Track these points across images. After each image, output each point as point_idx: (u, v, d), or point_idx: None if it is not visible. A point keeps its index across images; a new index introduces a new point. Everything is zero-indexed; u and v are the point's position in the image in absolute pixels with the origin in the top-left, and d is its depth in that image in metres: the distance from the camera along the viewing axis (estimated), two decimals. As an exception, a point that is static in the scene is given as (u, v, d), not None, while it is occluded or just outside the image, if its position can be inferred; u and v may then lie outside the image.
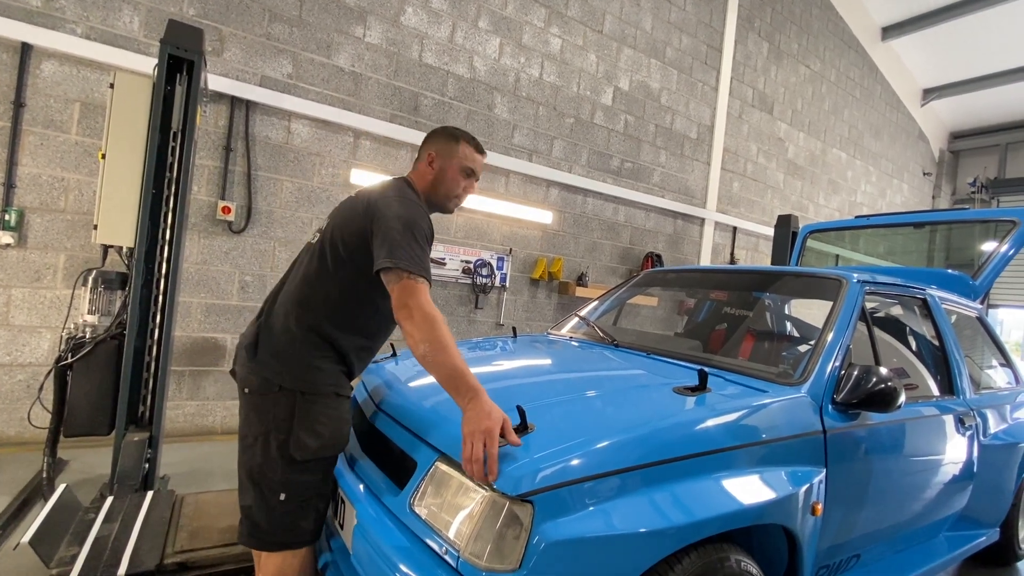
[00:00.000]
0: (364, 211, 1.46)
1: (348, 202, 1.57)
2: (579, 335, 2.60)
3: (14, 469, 2.87)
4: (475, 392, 1.23)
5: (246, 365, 1.45)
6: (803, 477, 1.53)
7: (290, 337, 1.44)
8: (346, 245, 1.46)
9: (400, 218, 1.40)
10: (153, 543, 1.96)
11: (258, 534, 1.40)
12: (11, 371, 3.27)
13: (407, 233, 1.38)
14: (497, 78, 5.03)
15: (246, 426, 1.44)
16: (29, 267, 3.28)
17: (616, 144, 5.90)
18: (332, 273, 1.47)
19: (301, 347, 1.43)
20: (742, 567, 1.35)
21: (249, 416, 1.44)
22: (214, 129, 3.79)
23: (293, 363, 1.42)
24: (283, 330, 1.45)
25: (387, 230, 1.38)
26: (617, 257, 6.04)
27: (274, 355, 1.43)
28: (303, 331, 1.44)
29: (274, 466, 1.38)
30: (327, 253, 1.48)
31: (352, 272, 1.46)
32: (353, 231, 1.46)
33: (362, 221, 1.45)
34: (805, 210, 8.13)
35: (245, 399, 1.46)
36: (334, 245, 1.47)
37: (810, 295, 2.42)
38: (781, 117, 7.67)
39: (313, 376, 1.42)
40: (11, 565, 2.04)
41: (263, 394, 1.41)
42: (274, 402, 1.40)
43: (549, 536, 1.09)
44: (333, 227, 1.51)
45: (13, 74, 3.19)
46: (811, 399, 1.62)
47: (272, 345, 1.44)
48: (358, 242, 1.44)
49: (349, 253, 1.46)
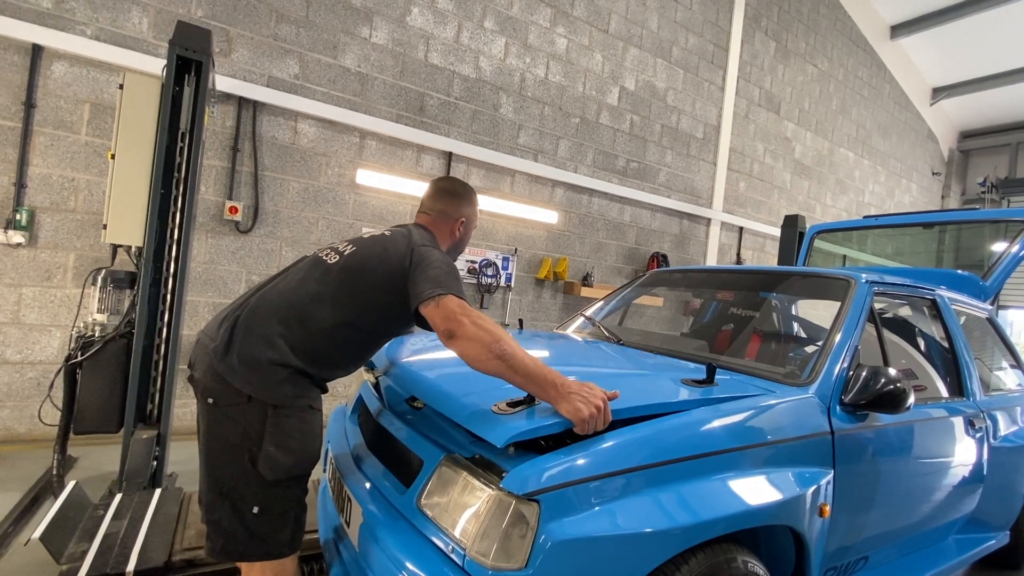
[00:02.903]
0: (404, 250, 1.45)
1: (378, 238, 1.53)
2: (584, 335, 2.60)
3: (25, 466, 2.90)
4: (560, 380, 1.23)
5: (210, 370, 1.33)
6: (811, 478, 1.52)
7: (269, 345, 1.33)
8: (374, 274, 1.43)
9: (445, 263, 1.44)
10: (162, 540, 1.98)
11: (231, 548, 1.33)
12: (22, 369, 3.31)
13: (452, 274, 1.40)
14: (503, 78, 5.03)
15: (211, 438, 1.34)
16: (40, 266, 3.32)
17: (622, 144, 5.89)
18: (346, 299, 1.41)
19: (278, 358, 1.33)
20: (749, 568, 1.34)
21: (214, 428, 1.33)
22: (221, 129, 3.81)
23: (265, 373, 1.31)
24: (263, 337, 1.34)
25: (434, 270, 1.38)
26: (623, 257, 6.03)
27: (246, 361, 1.31)
28: (288, 344, 1.35)
29: (247, 480, 1.31)
30: (347, 279, 1.42)
31: (370, 304, 1.43)
32: (389, 267, 1.43)
33: (400, 260, 1.43)
34: (812, 210, 8.08)
35: (208, 409, 1.34)
36: (358, 272, 1.43)
37: (818, 295, 2.40)
38: (788, 116, 7.62)
39: (284, 389, 1.33)
40: (22, 561, 2.06)
41: (232, 405, 1.32)
42: (243, 413, 1.31)
43: (555, 535, 1.09)
44: (363, 257, 1.45)
45: (24, 75, 3.22)
46: (819, 400, 1.61)
47: (247, 350, 1.32)
48: (389, 278, 1.42)
49: (372, 286, 1.43)
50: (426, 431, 1.47)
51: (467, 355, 1.27)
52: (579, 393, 1.21)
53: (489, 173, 5.01)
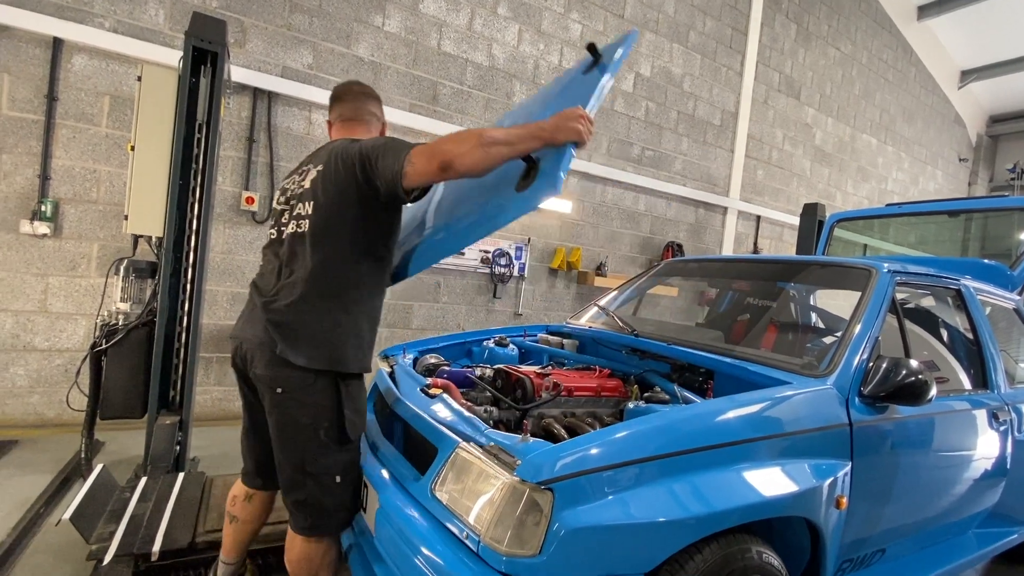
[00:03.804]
0: (346, 163, 1.43)
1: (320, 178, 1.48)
2: (598, 325, 2.59)
3: (55, 449, 3.00)
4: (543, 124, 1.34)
5: (273, 360, 1.40)
6: (828, 470, 1.50)
7: (323, 318, 1.41)
8: (348, 210, 1.44)
9: (384, 138, 1.47)
10: (185, 522, 2.04)
11: (322, 522, 1.44)
12: (50, 356, 3.41)
13: (398, 139, 1.43)
14: (516, 65, 4.98)
15: (285, 425, 1.42)
16: (65, 256, 3.40)
17: (637, 132, 5.81)
18: (346, 246, 1.45)
19: (332, 326, 1.42)
20: (763, 559, 1.34)
21: (287, 414, 1.41)
22: (237, 120, 3.85)
23: (327, 345, 1.41)
24: (314, 313, 1.41)
25: (382, 148, 1.40)
26: (637, 247, 5.98)
27: (309, 339, 1.40)
28: (329, 308, 1.42)
29: (326, 452, 1.42)
30: (330, 231, 1.44)
31: (363, 230, 1.46)
32: (344, 187, 1.43)
33: (354, 179, 1.42)
34: (832, 198, 7.91)
35: (278, 399, 1.41)
36: (333, 219, 1.44)
37: (838, 285, 2.36)
38: (809, 102, 7.43)
39: (345, 355, 1.43)
40: (54, 540, 2.14)
41: (303, 387, 1.40)
42: (318, 390, 1.41)
43: (569, 523, 1.09)
44: (324, 203, 1.45)
45: (46, 68, 3.28)
46: (837, 391, 1.59)
47: (307, 330, 1.40)
48: (361, 200, 1.43)
49: (355, 219, 1.44)
50: (441, 419, 1.49)
51: (469, 166, 1.31)
52: (564, 122, 1.33)
53: (502, 162, 4.99)
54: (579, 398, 1.75)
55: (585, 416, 1.67)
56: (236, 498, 1.70)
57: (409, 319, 4.68)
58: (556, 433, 1.50)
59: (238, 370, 1.56)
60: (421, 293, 4.71)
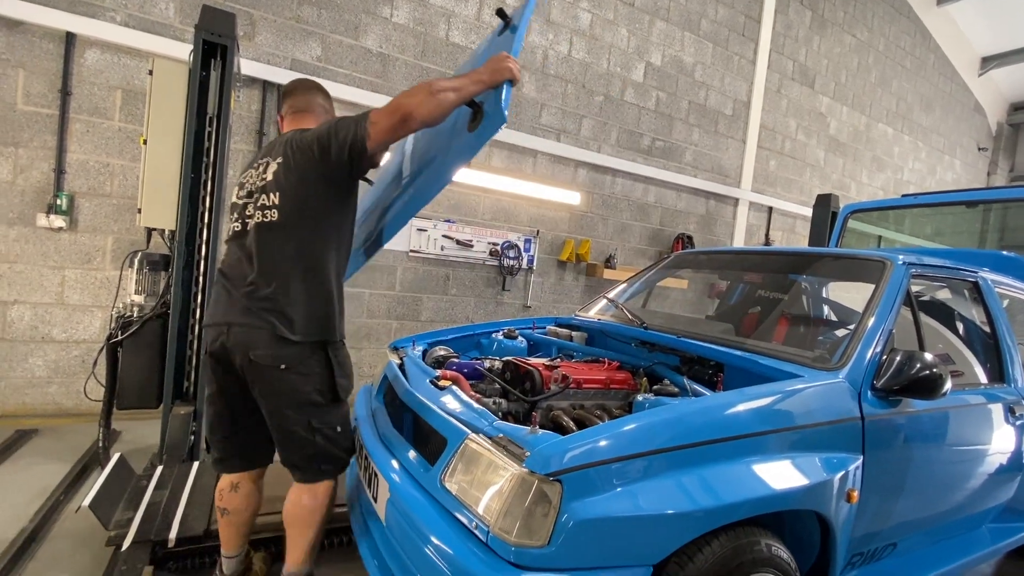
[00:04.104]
0: (302, 150, 1.55)
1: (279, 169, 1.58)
2: (607, 317, 2.58)
3: (73, 438, 3.07)
4: (479, 70, 1.54)
5: (272, 341, 1.51)
6: (839, 464, 1.49)
7: (311, 297, 1.56)
8: (308, 185, 1.55)
9: (332, 119, 1.61)
10: (200, 510, 2.08)
11: (330, 467, 1.64)
12: (67, 347, 3.48)
13: (343, 117, 1.57)
14: (524, 56, 4.94)
15: (290, 395, 1.55)
16: (80, 249, 3.45)
17: (647, 122, 5.75)
18: (315, 225, 1.56)
19: (322, 302, 1.58)
20: (773, 552, 1.34)
21: (291, 385, 1.54)
22: (247, 114, 3.86)
23: (317, 319, 1.57)
24: (293, 293, 1.54)
25: (335, 126, 1.53)
26: (647, 239, 5.94)
27: (301, 319, 1.53)
28: (318, 288, 1.57)
29: (327, 411, 1.60)
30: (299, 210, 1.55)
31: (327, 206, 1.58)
32: (304, 173, 1.54)
33: (307, 158, 1.54)
34: (847, 189, 7.78)
35: (281, 374, 1.52)
36: (300, 198, 1.55)
37: (852, 277, 2.33)
38: (823, 91, 7.30)
39: (332, 325, 1.60)
40: (74, 526, 2.19)
41: (303, 360, 1.54)
42: (315, 361, 1.57)
43: (577, 515, 1.10)
44: (290, 192, 1.55)
45: (59, 63, 3.31)
46: (849, 385, 1.57)
47: (295, 312, 1.53)
48: (314, 176, 1.54)
49: (326, 198, 1.57)
50: (450, 411, 1.50)
51: (426, 114, 1.46)
52: (496, 64, 1.54)
53: (511, 154, 4.97)
54: (588, 390, 1.75)
55: (594, 408, 1.67)
56: (223, 491, 1.73)
57: (418, 311, 4.70)
58: (565, 425, 1.50)
59: (217, 358, 1.61)
60: (430, 285, 4.72)
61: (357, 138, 1.49)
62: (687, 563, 1.21)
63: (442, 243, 4.67)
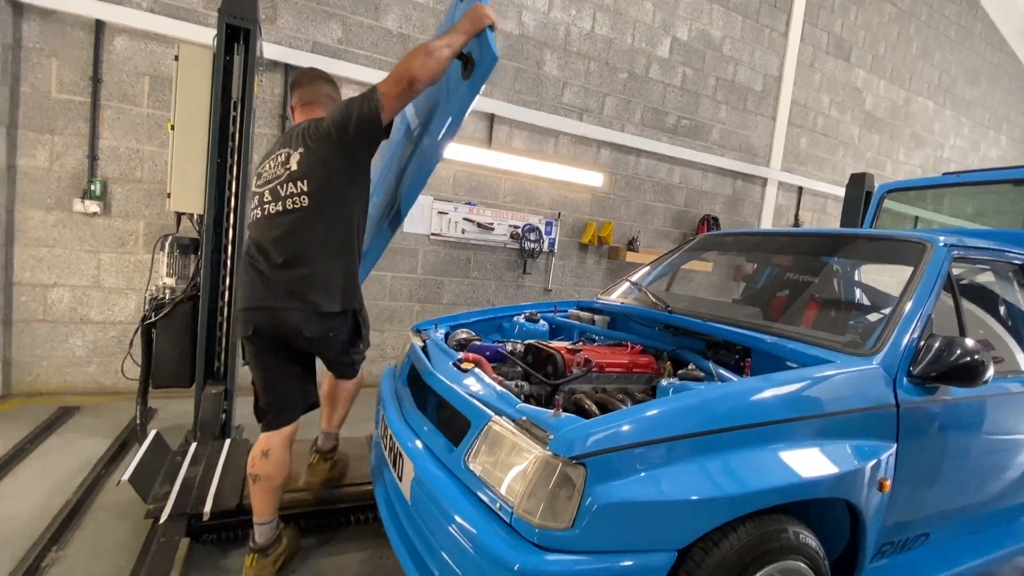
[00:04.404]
0: (320, 138, 1.71)
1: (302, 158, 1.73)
2: (630, 301, 2.55)
3: (112, 415, 3.21)
4: (460, 24, 1.70)
5: (315, 317, 1.72)
6: (871, 452, 1.45)
7: (339, 273, 1.76)
8: (333, 169, 1.71)
9: (340, 103, 1.78)
10: (232, 485, 2.15)
11: (359, 366, 2.07)
12: (105, 328, 3.61)
13: (349, 99, 1.73)
14: (547, 33, 4.83)
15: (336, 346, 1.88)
16: (114, 234, 3.56)
17: (672, 100, 5.58)
18: (340, 202, 1.73)
19: (346, 276, 1.79)
20: (800, 539, 1.32)
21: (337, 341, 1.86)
22: (270, 97, 3.89)
23: (348, 291, 1.80)
24: (329, 273, 1.74)
25: (342, 109, 1.70)
26: (671, 220, 5.82)
27: (337, 293, 1.75)
28: (341, 263, 1.77)
29: (358, 347, 1.99)
30: (327, 195, 1.71)
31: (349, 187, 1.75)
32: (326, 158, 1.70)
33: (327, 144, 1.70)
34: (882, 167, 7.46)
35: (330, 339, 1.83)
36: (326, 183, 1.70)
37: (888, 260, 2.24)
38: (860, 64, 6.96)
39: (360, 294, 1.88)
40: (114, 499, 2.30)
41: (342, 325, 1.84)
42: (349, 323, 1.87)
43: (601, 498, 1.10)
44: (317, 177, 1.70)
45: (90, 51, 3.37)
46: (884, 371, 1.52)
47: (333, 288, 1.74)
48: (337, 160, 1.70)
49: (349, 174, 1.74)
50: (473, 393, 1.50)
51: (429, 72, 1.64)
52: (474, 14, 1.70)
53: (532, 135, 4.89)
54: (610, 374, 1.73)
55: (616, 392, 1.66)
56: (254, 458, 1.82)
57: (440, 294, 4.73)
58: (587, 408, 1.49)
59: (263, 335, 1.76)
60: (451, 269, 4.73)
61: (372, 113, 1.64)
62: (712, 549, 1.20)
63: (463, 226, 4.67)
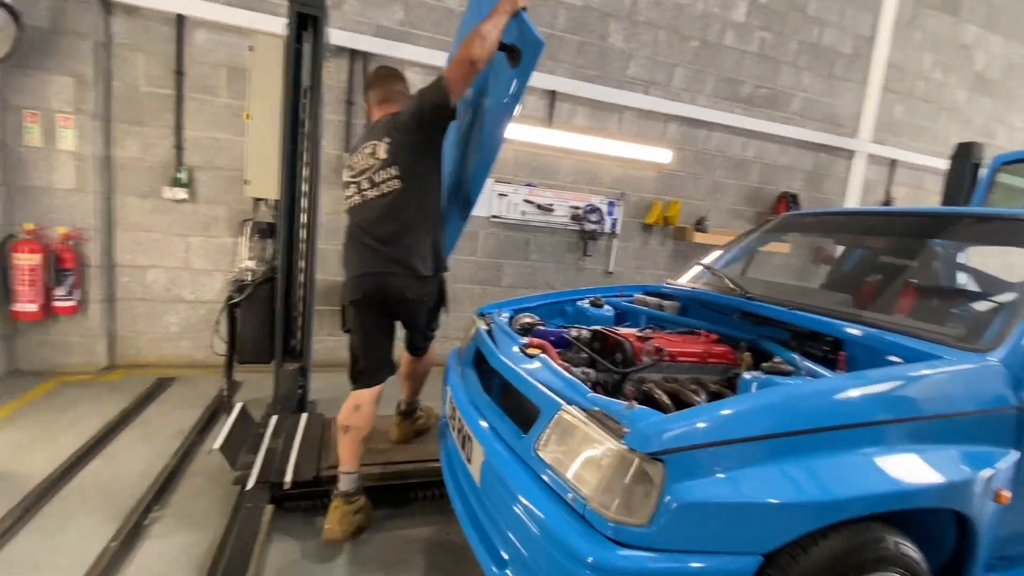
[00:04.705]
0: (403, 130, 1.99)
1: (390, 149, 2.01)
2: (701, 286, 2.42)
3: (203, 387, 3.49)
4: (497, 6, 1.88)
5: (417, 282, 2.05)
6: (986, 459, 1.30)
7: (431, 244, 2.08)
8: (418, 155, 2.01)
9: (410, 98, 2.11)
10: (310, 457, 2.28)
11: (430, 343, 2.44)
12: (195, 307, 3.92)
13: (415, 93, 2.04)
14: (612, 3, 4.60)
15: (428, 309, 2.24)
16: (200, 219, 3.82)
17: (748, 67, 5.19)
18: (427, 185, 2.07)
19: (435, 246, 2.11)
20: (900, 549, 1.21)
21: (424, 307, 2.18)
22: (336, 84, 3.98)
23: (438, 258, 2.14)
24: (422, 245, 2.05)
25: (416, 101, 1.98)
26: (743, 198, 5.48)
27: (431, 261, 2.09)
28: (431, 236, 2.08)
29: (436, 316, 2.35)
30: (417, 179, 2.01)
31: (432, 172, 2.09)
32: (412, 146, 1.99)
33: (410, 135, 1.98)
34: (993, 136, 6.62)
35: (428, 303, 2.19)
36: (415, 169, 2.00)
37: (1004, 242, 1.98)
38: (970, 18, 6.14)
39: (445, 259, 2.22)
40: (206, 465, 2.51)
41: (433, 289, 2.19)
42: (437, 287, 2.23)
43: (681, 497, 1.04)
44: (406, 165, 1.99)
45: (173, 45, 3.58)
46: (1006, 369, 1.35)
47: (429, 258, 2.08)
48: (422, 146, 2.00)
49: (430, 156, 2.05)
50: (541, 379, 1.48)
51: (484, 55, 1.86)
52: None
53: (594, 111, 4.73)
54: (682, 364, 1.65)
55: (688, 382, 1.58)
56: (347, 411, 2.09)
57: (500, 277, 4.73)
58: (658, 399, 1.43)
59: (371, 298, 2.05)
60: (511, 251, 4.72)
61: (442, 99, 1.91)
62: (800, 555, 1.12)
63: (523, 208, 4.62)
